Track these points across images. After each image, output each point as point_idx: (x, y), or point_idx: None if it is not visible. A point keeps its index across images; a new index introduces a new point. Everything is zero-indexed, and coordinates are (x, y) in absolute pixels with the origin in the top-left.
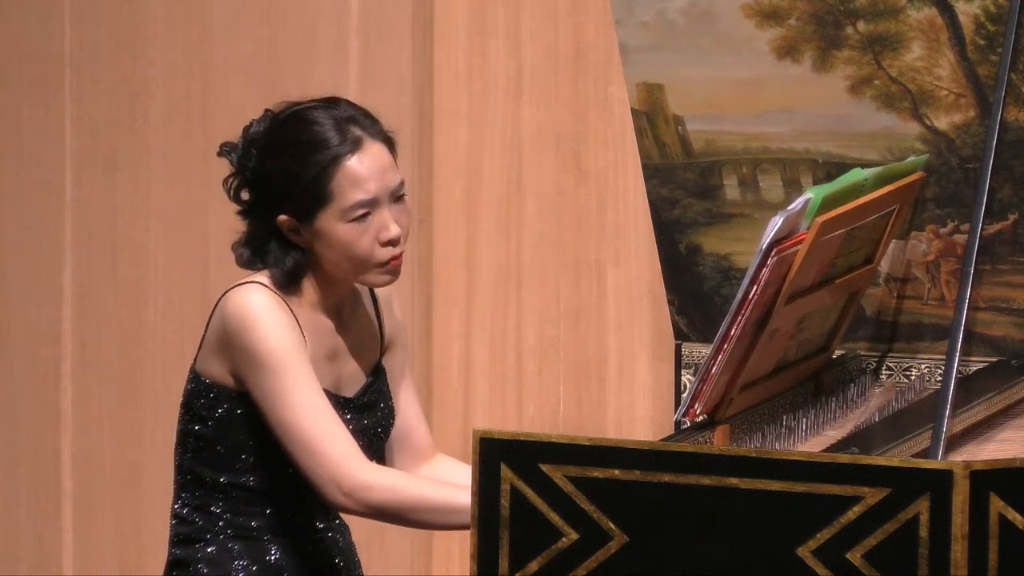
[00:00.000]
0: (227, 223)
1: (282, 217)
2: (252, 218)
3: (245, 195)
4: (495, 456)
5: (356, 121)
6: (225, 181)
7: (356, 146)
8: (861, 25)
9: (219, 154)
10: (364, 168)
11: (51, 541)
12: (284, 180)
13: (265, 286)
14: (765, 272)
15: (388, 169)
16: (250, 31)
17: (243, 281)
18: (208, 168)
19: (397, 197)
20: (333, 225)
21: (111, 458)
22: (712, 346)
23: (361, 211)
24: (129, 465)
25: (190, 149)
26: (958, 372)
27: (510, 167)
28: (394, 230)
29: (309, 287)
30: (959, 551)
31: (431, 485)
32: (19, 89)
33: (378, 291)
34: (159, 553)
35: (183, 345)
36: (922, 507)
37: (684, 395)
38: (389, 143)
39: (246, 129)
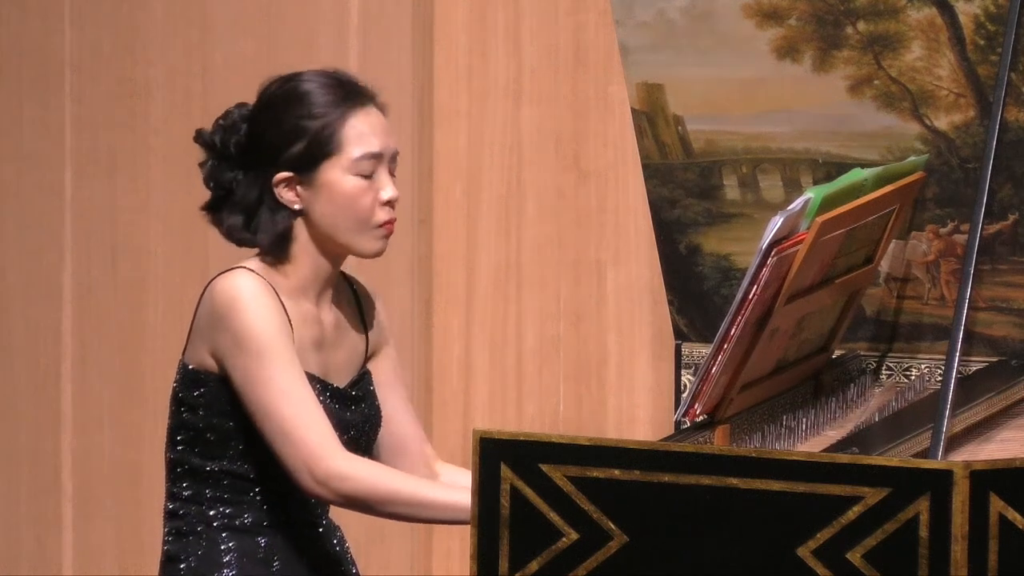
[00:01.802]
0: None
1: (280, 174)
2: (241, 184)
3: (228, 172)
4: (495, 456)
5: (358, 84)
6: (202, 164)
7: (363, 103)
8: (861, 25)
9: (195, 139)
10: (371, 124)
11: (51, 541)
12: (288, 132)
13: (253, 271)
14: (765, 272)
15: (390, 132)
16: (250, 31)
17: (231, 267)
18: None
19: (392, 167)
20: (338, 177)
21: (111, 458)
22: (712, 346)
23: (368, 164)
24: (129, 465)
25: (190, 149)
26: (958, 372)
27: (510, 167)
28: (392, 191)
29: (296, 265)
30: (959, 551)
31: (404, 478)
32: (19, 89)
33: (362, 296)
34: (159, 553)
35: (183, 345)
36: (922, 507)
37: (684, 395)
38: (385, 114)
39: (226, 115)
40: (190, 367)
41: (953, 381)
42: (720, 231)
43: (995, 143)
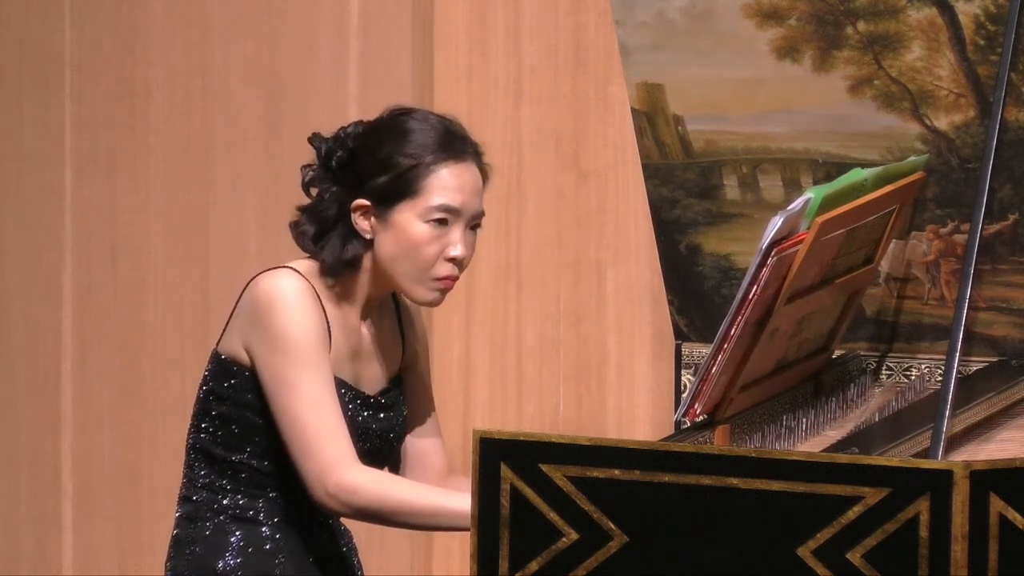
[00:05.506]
0: (227, 223)
1: (359, 200)
2: (328, 198)
3: (324, 183)
4: (495, 456)
5: (467, 140)
6: (304, 168)
7: (460, 158)
8: (861, 25)
9: (309, 140)
10: (459, 179)
11: (51, 541)
12: (379, 162)
13: (299, 273)
14: (765, 272)
15: (478, 193)
16: (250, 31)
17: (277, 266)
18: (208, 168)
19: (473, 225)
20: (410, 219)
21: (111, 458)
22: (712, 346)
23: (441, 215)
24: (129, 465)
25: (190, 149)
26: (958, 372)
27: (510, 167)
28: (462, 249)
29: (347, 282)
30: (959, 551)
31: (417, 488)
32: (19, 89)
33: (403, 309)
34: (159, 553)
35: (183, 345)
36: (922, 507)
37: (684, 395)
38: (485, 176)
39: (342, 128)
40: (223, 356)
41: (953, 381)
42: (720, 231)
43: (995, 143)
